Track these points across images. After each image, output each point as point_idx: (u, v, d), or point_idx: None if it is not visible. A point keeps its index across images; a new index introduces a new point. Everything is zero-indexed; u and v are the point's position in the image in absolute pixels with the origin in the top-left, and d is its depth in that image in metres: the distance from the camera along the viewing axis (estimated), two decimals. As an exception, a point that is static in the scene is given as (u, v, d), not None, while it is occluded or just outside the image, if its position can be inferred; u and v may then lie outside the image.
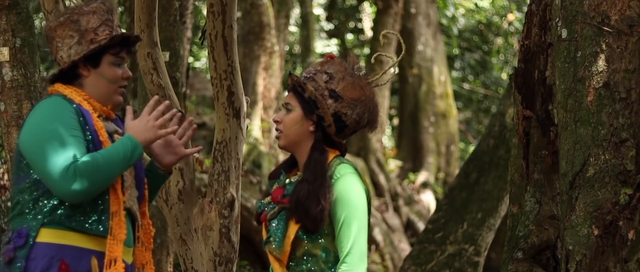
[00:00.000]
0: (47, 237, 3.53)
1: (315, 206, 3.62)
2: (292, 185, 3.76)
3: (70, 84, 3.68)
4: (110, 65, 3.70)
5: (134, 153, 3.56)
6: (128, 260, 3.69)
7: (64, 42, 3.65)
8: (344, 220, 3.64)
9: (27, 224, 3.53)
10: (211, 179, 5.84)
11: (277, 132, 3.78)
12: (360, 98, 3.74)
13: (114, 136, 3.69)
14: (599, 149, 4.11)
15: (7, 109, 4.48)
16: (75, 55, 3.63)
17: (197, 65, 18.48)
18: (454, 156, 15.91)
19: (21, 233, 3.52)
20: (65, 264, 3.51)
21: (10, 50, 4.48)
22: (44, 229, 3.53)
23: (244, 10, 13.53)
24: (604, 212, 4.08)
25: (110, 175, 3.51)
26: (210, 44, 5.77)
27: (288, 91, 3.86)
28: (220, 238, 5.77)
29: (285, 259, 3.70)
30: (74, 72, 3.67)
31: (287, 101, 3.79)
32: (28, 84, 4.49)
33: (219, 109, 5.79)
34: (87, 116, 3.60)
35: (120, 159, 3.52)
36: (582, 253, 4.10)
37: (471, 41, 18.98)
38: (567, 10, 4.22)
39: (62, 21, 3.66)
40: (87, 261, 3.55)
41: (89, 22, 3.66)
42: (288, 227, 3.69)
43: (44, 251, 3.52)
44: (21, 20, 4.51)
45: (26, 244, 3.51)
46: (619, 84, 4.11)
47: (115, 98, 3.74)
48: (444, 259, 9.46)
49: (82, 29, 3.65)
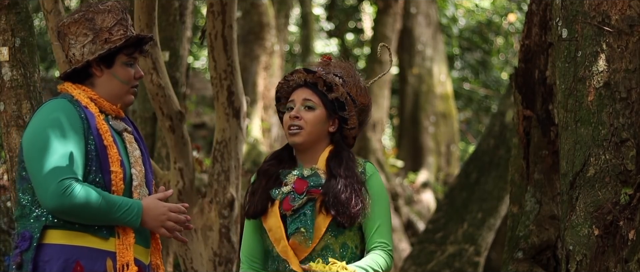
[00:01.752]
0: (58, 239, 3.49)
1: (355, 203, 3.68)
2: (316, 178, 3.74)
3: (81, 82, 3.65)
4: (123, 66, 3.66)
5: (130, 220, 3.50)
6: (145, 261, 3.65)
7: (77, 39, 3.61)
8: (381, 216, 3.74)
9: (29, 226, 3.50)
10: (211, 179, 5.84)
11: (295, 128, 3.75)
12: (367, 104, 3.88)
13: (124, 134, 3.66)
14: (599, 149, 4.10)
15: (7, 109, 4.46)
16: (89, 55, 3.59)
17: (197, 65, 18.47)
18: (454, 155, 15.91)
19: (25, 236, 3.49)
20: (81, 266, 3.47)
21: (10, 50, 4.47)
22: (52, 231, 3.49)
23: (244, 10, 13.52)
24: (605, 212, 4.07)
25: (94, 217, 3.47)
26: (210, 43, 5.77)
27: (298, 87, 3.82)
28: (220, 238, 5.77)
29: (307, 253, 3.69)
30: (86, 71, 3.63)
31: (307, 98, 3.77)
32: (28, 84, 4.48)
33: (219, 109, 5.79)
34: (91, 120, 3.55)
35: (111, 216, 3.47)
36: (583, 253, 4.09)
37: (471, 41, 18.97)
38: (568, 10, 4.22)
39: (76, 18, 3.62)
40: (102, 262, 3.51)
41: (103, 21, 3.61)
42: (317, 220, 3.70)
43: (57, 252, 3.48)
44: (21, 20, 4.50)
45: (30, 246, 3.47)
46: (620, 84, 4.11)
47: (126, 98, 3.69)
48: (444, 259, 9.46)
49: (97, 28, 3.60)
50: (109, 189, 3.52)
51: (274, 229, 3.72)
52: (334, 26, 19.60)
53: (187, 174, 5.75)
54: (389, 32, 15.44)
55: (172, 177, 5.73)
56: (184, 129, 5.74)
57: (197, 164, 7.95)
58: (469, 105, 19.25)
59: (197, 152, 8.29)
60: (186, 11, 8.36)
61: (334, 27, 19.61)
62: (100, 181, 3.52)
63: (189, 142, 5.79)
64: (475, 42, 18.95)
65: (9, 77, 4.46)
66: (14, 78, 4.46)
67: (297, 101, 3.78)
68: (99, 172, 3.52)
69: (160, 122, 5.79)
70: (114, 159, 3.55)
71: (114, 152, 3.56)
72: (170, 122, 5.68)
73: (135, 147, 3.67)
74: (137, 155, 3.66)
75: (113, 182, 3.53)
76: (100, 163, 3.52)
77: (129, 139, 3.67)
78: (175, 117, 5.68)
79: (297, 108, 3.77)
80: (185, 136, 5.76)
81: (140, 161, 3.66)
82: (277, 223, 3.72)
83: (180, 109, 5.72)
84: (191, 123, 13.02)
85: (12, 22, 4.48)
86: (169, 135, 5.71)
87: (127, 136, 3.67)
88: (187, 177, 5.75)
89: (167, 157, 7.21)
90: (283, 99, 3.87)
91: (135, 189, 3.60)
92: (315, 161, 3.79)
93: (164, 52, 7.12)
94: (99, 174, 3.52)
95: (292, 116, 3.77)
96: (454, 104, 16.34)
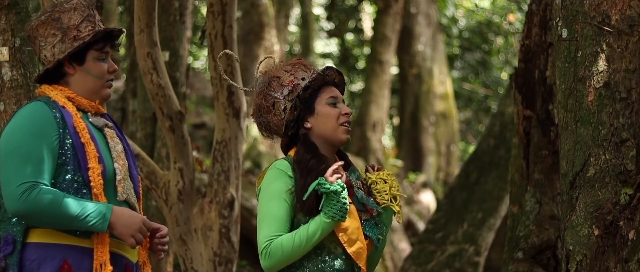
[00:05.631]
0: (42, 237, 3.50)
1: None
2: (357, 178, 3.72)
3: (56, 83, 3.66)
4: (95, 61, 3.66)
5: (94, 225, 3.47)
6: (133, 259, 3.66)
7: (46, 41, 3.63)
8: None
9: (11, 229, 3.50)
10: (211, 179, 5.84)
11: (348, 125, 3.69)
12: None
13: (105, 130, 3.66)
14: (599, 149, 4.10)
15: (7, 108, 4.47)
16: (60, 54, 3.60)
17: (197, 65, 18.48)
18: (454, 156, 15.91)
19: (7, 240, 3.49)
20: (68, 264, 3.48)
21: (10, 50, 4.47)
22: (35, 230, 3.49)
23: (244, 10, 13.52)
24: (605, 212, 4.07)
25: (56, 222, 3.46)
26: (210, 43, 5.77)
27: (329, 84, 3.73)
28: (220, 238, 5.77)
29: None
30: (60, 70, 3.64)
31: (335, 95, 3.71)
32: (27, 84, 4.48)
33: (219, 109, 5.79)
34: (68, 119, 3.56)
35: (75, 221, 3.45)
36: (583, 253, 4.09)
37: (471, 41, 18.98)
38: (568, 10, 4.22)
39: (43, 20, 3.63)
40: (89, 261, 3.51)
41: (70, 19, 3.62)
42: None
43: (44, 251, 3.49)
44: (21, 20, 4.50)
45: (15, 250, 3.48)
46: (620, 84, 4.11)
47: (103, 92, 3.69)
48: (444, 259, 9.46)
49: (64, 27, 3.62)
50: (88, 186, 3.52)
51: (352, 229, 3.61)
52: (334, 26, 19.61)
53: (187, 174, 5.75)
54: (389, 32, 15.44)
55: (172, 177, 5.73)
56: (184, 129, 5.74)
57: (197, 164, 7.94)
58: (469, 105, 19.26)
59: (197, 152, 8.28)
60: (186, 11, 8.36)
61: (334, 27, 19.61)
62: (78, 179, 3.52)
63: (189, 142, 5.79)
64: (475, 42, 18.96)
65: (9, 77, 4.46)
66: (14, 78, 4.46)
67: (339, 98, 3.71)
68: (77, 170, 3.52)
69: (160, 122, 5.79)
70: (91, 156, 3.54)
71: (91, 149, 3.55)
72: (170, 122, 5.68)
73: (117, 142, 3.67)
74: (119, 149, 3.66)
75: (91, 178, 3.52)
76: (78, 161, 3.52)
77: (110, 134, 3.67)
78: (175, 117, 5.68)
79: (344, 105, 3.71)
80: (185, 136, 5.76)
81: (123, 155, 3.66)
82: (356, 224, 3.62)
83: (180, 109, 5.72)
84: (191, 123, 13.02)
85: (12, 22, 4.48)
86: (169, 135, 5.71)
87: (108, 131, 3.67)
88: (187, 177, 5.74)
89: (167, 157, 7.21)
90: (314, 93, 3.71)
91: (119, 183, 3.60)
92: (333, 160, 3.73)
93: (164, 52, 7.12)
94: (78, 172, 3.52)
95: (347, 112, 3.68)
96: (454, 104, 16.34)
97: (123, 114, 9.43)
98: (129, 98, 9.25)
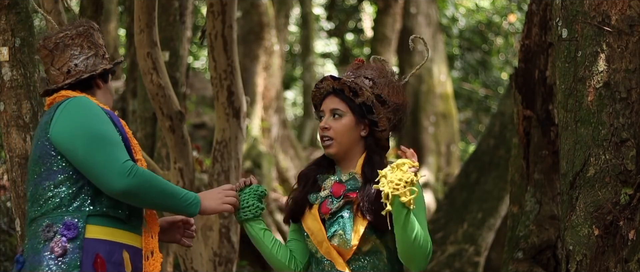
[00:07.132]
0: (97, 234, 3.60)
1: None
2: (353, 182, 3.77)
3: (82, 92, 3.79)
4: (109, 82, 3.88)
5: (189, 207, 3.67)
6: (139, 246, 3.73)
7: (81, 52, 3.77)
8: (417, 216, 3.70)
9: (70, 216, 3.57)
10: (211, 179, 5.84)
11: (326, 139, 3.79)
12: (402, 103, 3.86)
13: None
14: (599, 149, 4.10)
15: (7, 108, 4.47)
16: (93, 67, 3.77)
17: (197, 65, 18.48)
18: (454, 155, 15.91)
19: (68, 225, 3.56)
20: (101, 258, 3.56)
21: (10, 50, 4.48)
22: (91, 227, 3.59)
23: (244, 10, 13.53)
24: (605, 212, 4.07)
25: (157, 199, 3.60)
26: (210, 43, 5.77)
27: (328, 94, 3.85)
28: (220, 238, 5.77)
29: (350, 254, 3.71)
30: (88, 82, 3.79)
31: (334, 107, 3.80)
32: (27, 84, 4.49)
33: (219, 109, 5.79)
34: (111, 115, 3.70)
35: (175, 198, 3.63)
36: (583, 253, 4.09)
37: (471, 41, 18.98)
38: (568, 10, 4.22)
39: (81, 31, 3.79)
40: (118, 254, 3.60)
41: (99, 38, 3.84)
42: (355, 222, 3.72)
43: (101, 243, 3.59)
44: (21, 20, 4.50)
45: (78, 235, 3.55)
46: (620, 84, 4.11)
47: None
48: (444, 259, 9.46)
49: (97, 44, 3.81)
50: None
51: (315, 232, 3.76)
52: (334, 26, 19.61)
53: (187, 174, 5.75)
54: (389, 32, 15.44)
55: (172, 177, 5.74)
56: (184, 129, 5.75)
57: (197, 164, 7.95)
58: (469, 105, 19.26)
59: (197, 152, 8.29)
60: (186, 11, 8.37)
61: (334, 27, 19.62)
62: None
63: (189, 142, 5.79)
64: (475, 42, 18.96)
65: (9, 77, 4.46)
66: (14, 78, 4.46)
67: (326, 111, 3.82)
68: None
69: (160, 122, 5.79)
70: (136, 149, 3.71)
71: (135, 143, 3.73)
72: (170, 122, 5.68)
73: None
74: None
75: None
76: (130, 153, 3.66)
77: None
78: (175, 117, 5.68)
79: (326, 118, 3.81)
80: (185, 136, 5.76)
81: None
82: (317, 226, 3.76)
83: (180, 109, 5.73)
84: (191, 123, 13.02)
85: (12, 22, 4.49)
86: (169, 135, 5.71)
87: None
88: (187, 177, 5.75)
89: (167, 157, 7.21)
90: (318, 107, 3.90)
91: None
92: (353, 166, 3.82)
93: (164, 52, 7.12)
94: None
95: (322, 127, 3.81)
96: (454, 104, 16.34)
97: (123, 114, 9.43)
98: (129, 98, 9.26)
